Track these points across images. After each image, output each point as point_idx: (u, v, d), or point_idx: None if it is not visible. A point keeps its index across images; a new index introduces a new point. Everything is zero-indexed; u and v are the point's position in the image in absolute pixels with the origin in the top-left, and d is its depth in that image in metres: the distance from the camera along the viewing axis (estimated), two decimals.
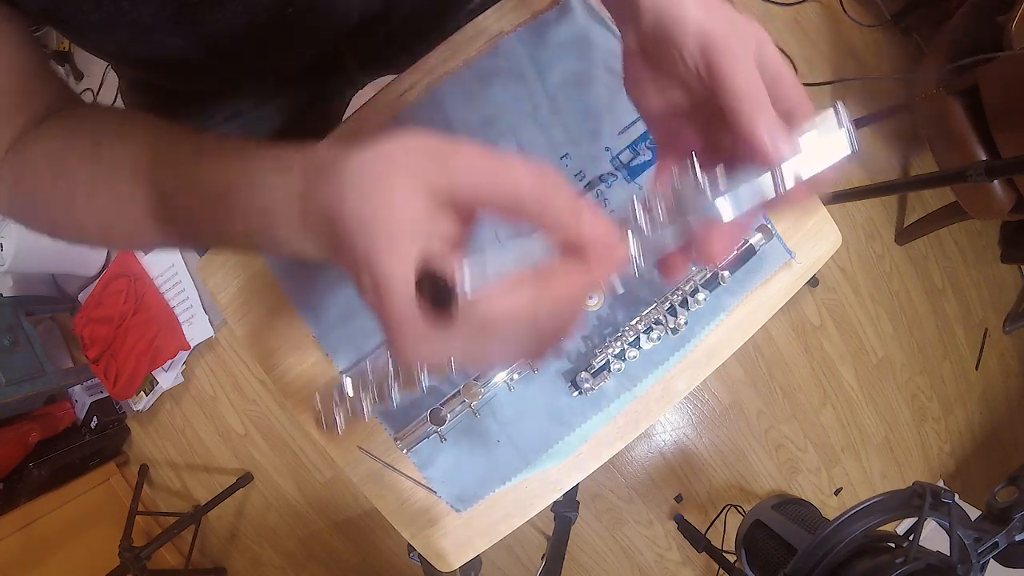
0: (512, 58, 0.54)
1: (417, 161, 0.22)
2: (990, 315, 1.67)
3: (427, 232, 0.22)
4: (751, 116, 0.25)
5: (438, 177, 0.22)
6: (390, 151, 0.23)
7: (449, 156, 0.22)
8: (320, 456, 1.54)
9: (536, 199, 0.22)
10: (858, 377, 1.58)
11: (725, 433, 1.55)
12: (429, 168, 0.22)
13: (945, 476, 1.69)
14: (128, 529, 1.33)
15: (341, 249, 0.23)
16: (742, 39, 0.26)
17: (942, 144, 1.21)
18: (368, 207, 0.22)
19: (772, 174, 0.25)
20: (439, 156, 0.22)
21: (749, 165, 0.26)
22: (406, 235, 0.21)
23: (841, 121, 0.25)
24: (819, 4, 1.52)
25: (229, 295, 0.56)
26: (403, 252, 0.21)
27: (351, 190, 0.22)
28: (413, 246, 0.22)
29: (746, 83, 0.25)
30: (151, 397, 1.53)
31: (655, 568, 1.57)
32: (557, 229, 0.23)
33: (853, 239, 1.53)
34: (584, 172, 0.55)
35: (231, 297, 0.55)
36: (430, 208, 0.22)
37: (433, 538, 0.56)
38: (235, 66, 0.48)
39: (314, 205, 0.24)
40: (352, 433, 0.56)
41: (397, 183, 0.22)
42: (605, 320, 0.55)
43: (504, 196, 0.22)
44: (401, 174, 0.22)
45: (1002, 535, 0.67)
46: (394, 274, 0.21)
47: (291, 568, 1.59)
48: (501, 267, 0.21)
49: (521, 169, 0.22)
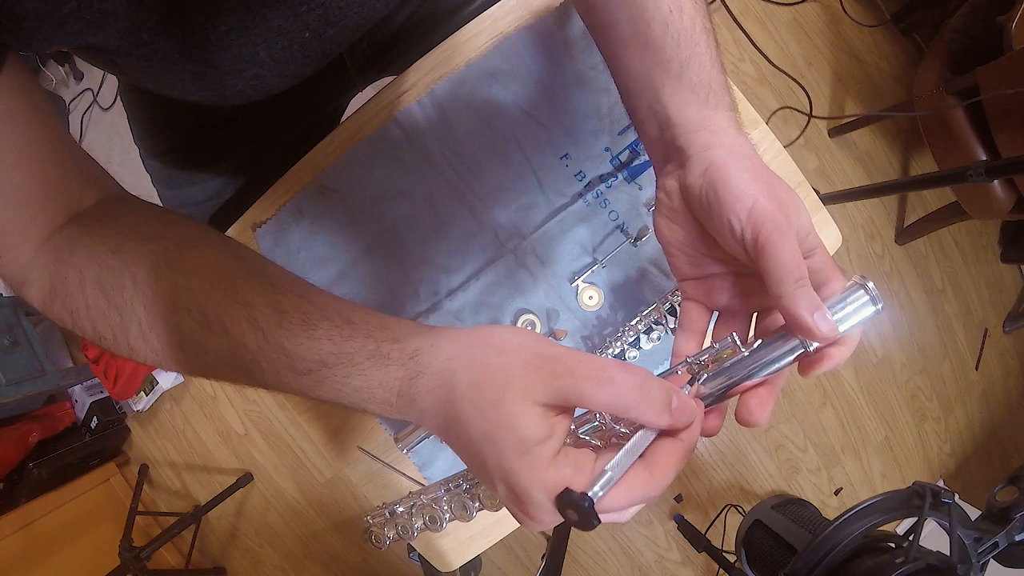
0: (512, 58, 0.54)
1: (526, 380, 0.25)
2: (990, 315, 1.67)
3: (549, 441, 0.24)
4: (794, 296, 0.27)
5: (547, 394, 0.24)
6: (500, 370, 0.25)
7: (555, 373, 0.25)
8: (320, 456, 1.54)
9: (635, 406, 0.25)
10: (858, 377, 1.58)
11: (725, 433, 1.55)
12: (539, 388, 0.24)
13: (945, 476, 1.69)
14: (128, 529, 1.33)
15: (462, 449, 0.27)
16: (788, 215, 0.28)
17: (942, 144, 1.21)
18: (493, 427, 0.24)
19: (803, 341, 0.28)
20: (546, 374, 0.25)
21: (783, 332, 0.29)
22: (535, 454, 0.24)
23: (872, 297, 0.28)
24: (819, 4, 1.52)
25: None
26: (536, 469, 0.24)
27: (471, 408, 0.25)
28: (543, 461, 0.24)
29: (791, 262, 0.27)
30: (151, 397, 1.53)
31: (655, 568, 1.57)
32: (655, 425, 0.26)
33: (853, 239, 1.53)
34: (584, 172, 0.55)
35: None
36: (545, 417, 0.25)
37: (433, 538, 0.56)
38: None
39: (416, 407, 0.27)
40: (352, 433, 0.56)
41: (516, 407, 0.24)
42: (605, 320, 0.55)
43: (605, 404, 0.25)
44: (517, 398, 0.24)
45: (1002, 535, 0.67)
46: (530, 488, 0.24)
47: (291, 568, 1.59)
48: (621, 470, 0.24)
49: (619, 379, 0.24)
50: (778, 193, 0.29)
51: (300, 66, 0.42)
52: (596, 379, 0.24)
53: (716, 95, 0.33)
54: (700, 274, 0.35)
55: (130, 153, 0.63)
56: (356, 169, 0.55)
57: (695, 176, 0.31)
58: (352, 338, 0.28)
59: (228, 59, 0.36)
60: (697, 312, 0.35)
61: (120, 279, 0.31)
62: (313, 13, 0.37)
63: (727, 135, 0.32)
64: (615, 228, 0.56)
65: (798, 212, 0.29)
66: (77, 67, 1.64)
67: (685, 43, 0.33)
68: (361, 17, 0.42)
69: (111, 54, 0.34)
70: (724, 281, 0.34)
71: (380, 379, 0.28)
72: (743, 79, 1.49)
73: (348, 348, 0.28)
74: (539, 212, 0.55)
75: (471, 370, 0.26)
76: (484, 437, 0.25)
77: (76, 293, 0.31)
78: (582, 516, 0.23)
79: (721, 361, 0.30)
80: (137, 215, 0.35)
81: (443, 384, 0.26)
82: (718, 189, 0.29)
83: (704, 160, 0.31)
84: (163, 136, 0.60)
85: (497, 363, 0.25)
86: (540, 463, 0.24)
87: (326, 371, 0.28)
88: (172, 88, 0.39)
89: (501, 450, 0.24)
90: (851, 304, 0.28)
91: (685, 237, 0.34)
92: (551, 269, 0.55)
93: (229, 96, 0.40)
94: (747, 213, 0.28)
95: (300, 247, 0.55)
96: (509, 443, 0.24)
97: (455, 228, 0.55)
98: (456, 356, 0.27)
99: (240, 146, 0.61)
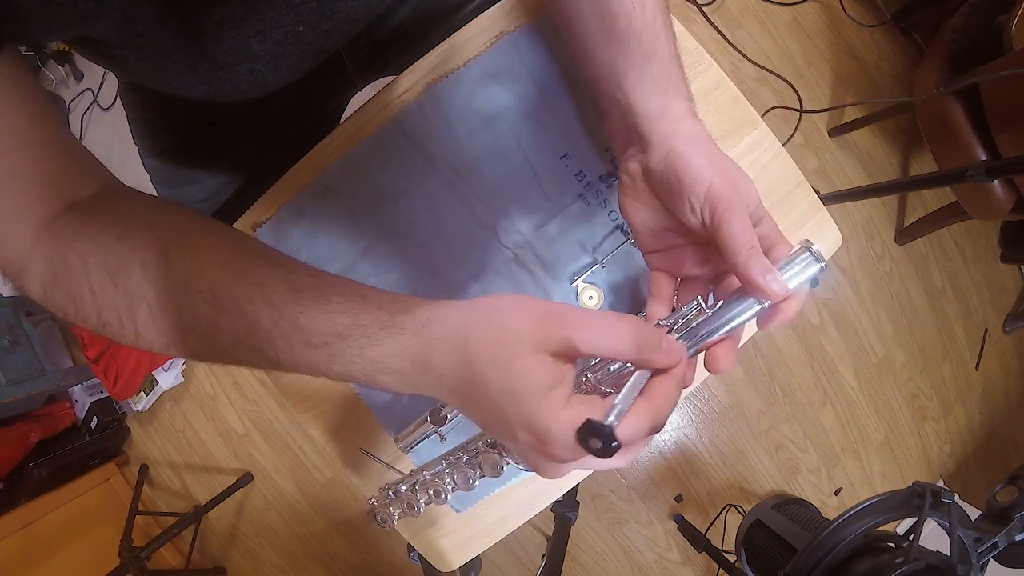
0: (512, 58, 0.54)
1: (538, 335, 0.27)
2: (990, 315, 1.67)
3: (561, 386, 0.27)
4: (748, 263, 0.31)
5: (556, 345, 0.27)
6: (513, 329, 0.27)
7: (561, 325, 0.27)
8: (320, 456, 1.54)
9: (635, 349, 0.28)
10: (858, 377, 1.58)
11: (725, 433, 1.55)
12: (548, 340, 0.27)
13: (945, 476, 1.69)
14: (128, 529, 1.33)
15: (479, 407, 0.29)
16: (739, 194, 0.32)
17: (942, 144, 1.21)
18: (510, 380, 0.27)
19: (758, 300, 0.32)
20: (553, 327, 0.27)
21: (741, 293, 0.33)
22: (551, 397, 0.27)
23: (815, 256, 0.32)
24: (819, 4, 1.52)
25: None
26: (553, 411, 0.26)
27: (490, 367, 0.27)
28: (558, 403, 0.27)
29: (743, 234, 0.31)
30: (151, 397, 1.53)
31: (655, 568, 1.57)
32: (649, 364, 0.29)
33: (853, 239, 1.53)
34: (584, 172, 0.55)
35: None
36: (556, 366, 0.27)
37: (433, 538, 0.56)
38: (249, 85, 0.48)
39: (432, 374, 0.29)
40: (352, 433, 0.56)
41: (530, 359, 0.27)
42: None
43: (608, 350, 0.28)
44: (531, 351, 0.27)
45: (1002, 535, 0.67)
46: (551, 427, 0.26)
47: (291, 568, 1.59)
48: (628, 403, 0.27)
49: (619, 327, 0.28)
50: (731, 175, 0.33)
51: (296, 61, 0.42)
52: (600, 328, 0.27)
53: (675, 86, 0.37)
54: (664, 246, 0.38)
55: (130, 153, 0.63)
56: (356, 169, 0.55)
57: (656, 161, 0.35)
58: (365, 310, 0.30)
59: (222, 51, 0.36)
60: (664, 280, 0.39)
61: (128, 264, 0.31)
62: (307, 6, 0.37)
63: (684, 123, 0.35)
64: (615, 228, 0.56)
65: (748, 189, 0.33)
66: (77, 67, 1.64)
67: (647, 37, 0.36)
68: (356, 12, 0.42)
69: (107, 46, 0.34)
70: (685, 251, 0.37)
71: (395, 348, 0.29)
72: (743, 79, 1.49)
73: (362, 320, 0.29)
74: (539, 212, 0.55)
75: (486, 331, 0.28)
76: (504, 391, 0.27)
77: (80, 279, 0.31)
78: (604, 440, 0.25)
79: (689, 322, 0.34)
80: (136, 203, 0.35)
81: (458, 348, 0.28)
82: (678, 173, 0.33)
83: (664, 147, 0.34)
84: (163, 136, 0.60)
85: (509, 323, 0.28)
86: (557, 404, 0.26)
87: (341, 343, 0.29)
88: (169, 83, 0.39)
89: (521, 399, 0.26)
90: (798, 264, 0.32)
91: (648, 214, 0.38)
92: (551, 269, 0.55)
93: (226, 92, 0.40)
94: (704, 194, 0.32)
95: (300, 247, 0.55)
96: (529, 391, 0.26)
97: (455, 228, 0.55)
98: (468, 322, 0.29)
99: (240, 146, 0.61)
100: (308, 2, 0.37)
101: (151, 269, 0.30)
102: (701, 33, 1.48)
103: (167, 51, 0.35)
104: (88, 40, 0.33)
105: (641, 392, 0.29)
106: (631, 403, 0.28)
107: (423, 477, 0.46)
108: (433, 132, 0.55)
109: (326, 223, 0.55)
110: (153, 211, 0.34)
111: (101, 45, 0.34)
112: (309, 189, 0.55)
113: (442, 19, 0.60)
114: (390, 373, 0.30)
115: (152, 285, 0.30)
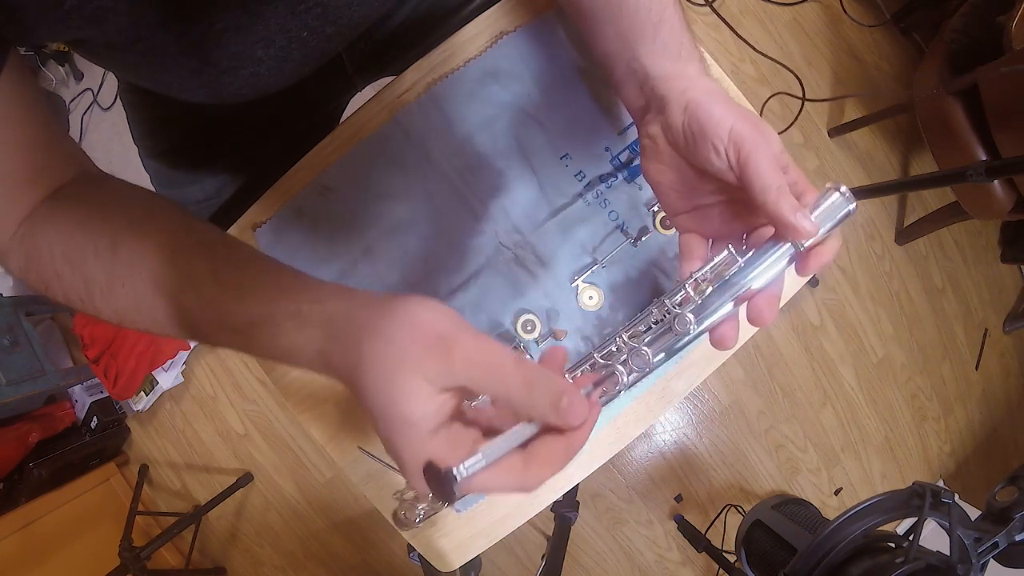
0: (512, 58, 0.54)
1: (419, 360, 0.25)
2: (990, 315, 1.67)
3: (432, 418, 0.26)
4: (777, 201, 0.30)
5: (439, 374, 0.25)
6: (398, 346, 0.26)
7: (449, 357, 0.25)
8: (320, 456, 1.54)
9: (522, 402, 0.26)
10: (858, 377, 1.58)
11: (725, 433, 1.55)
12: (430, 368, 0.25)
13: (945, 476, 1.69)
14: (128, 529, 1.33)
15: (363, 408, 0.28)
16: (765, 139, 0.32)
17: (942, 144, 1.21)
18: (384, 399, 0.26)
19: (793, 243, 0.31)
20: (440, 355, 0.25)
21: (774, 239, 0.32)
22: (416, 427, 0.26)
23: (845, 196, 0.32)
24: (819, 4, 1.52)
25: None
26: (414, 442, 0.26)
27: (370, 381, 0.26)
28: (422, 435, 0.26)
29: (770, 172, 0.31)
30: (151, 397, 1.53)
31: (655, 568, 1.57)
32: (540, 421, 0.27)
33: (853, 239, 1.54)
34: (584, 172, 0.55)
35: None
36: (432, 395, 0.26)
37: (433, 538, 0.56)
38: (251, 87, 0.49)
39: (333, 365, 0.28)
40: (352, 433, 0.56)
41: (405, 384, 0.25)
42: (605, 320, 0.55)
43: (495, 396, 0.26)
44: (407, 375, 0.25)
45: (1002, 535, 0.67)
46: (406, 458, 0.26)
47: (291, 568, 1.59)
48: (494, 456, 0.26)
49: (510, 375, 0.25)
50: (752, 118, 0.32)
51: (298, 66, 0.42)
52: (487, 371, 0.25)
53: (687, 50, 0.37)
54: (691, 206, 0.38)
55: (130, 153, 0.63)
56: (356, 169, 0.55)
57: (676, 115, 0.35)
58: (276, 300, 0.30)
59: (226, 57, 0.36)
60: (695, 241, 0.38)
61: (84, 251, 0.34)
62: (312, 12, 0.37)
63: (700, 80, 0.36)
64: (615, 228, 0.56)
65: (771, 133, 0.32)
66: (77, 67, 1.64)
67: (656, 7, 0.37)
68: (360, 16, 0.42)
69: (110, 49, 0.34)
70: (713, 210, 0.37)
71: (303, 340, 0.29)
72: (743, 80, 1.49)
73: (272, 309, 0.30)
74: (539, 212, 0.55)
75: (374, 341, 0.26)
76: (375, 408, 0.26)
77: (47, 264, 0.34)
78: (442, 489, 0.25)
79: (721, 273, 0.33)
80: (103, 191, 0.38)
81: (351, 351, 0.27)
82: (700, 120, 0.33)
83: (683, 101, 0.34)
84: (163, 136, 0.60)
85: (398, 338, 0.26)
86: (418, 438, 0.26)
87: (255, 330, 0.30)
88: (170, 86, 0.39)
89: (388, 420, 0.26)
90: (828, 207, 0.32)
91: (672, 174, 0.38)
92: (551, 269, 0.55)
93: (226, 95, 0.40)
94: (728, 136, 0.32)
95: (300, 247, 0.55)
96: (394, 417, 0.26)
97: (455, 228, 0.55)
98: (365, 325, 0.27)
99: (240, 146, 0.61)
100: (312, 8, 0.37)
101: (102, 255, 0.33)
102: (701, 33, 1.48)
103: (170, 55, 0.35)
104: (89, 42, 0.34)
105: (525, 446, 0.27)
106: (498, 456, 0.26)
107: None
108: (433, 132, 0.55)
109: (326, 223, 0.55)
110: (115, 199, 0.37)
111: (102, 47, 0.34)
112: (309, 189, 0.55)
113: (442, 19, 0.60)
114: (305, 361, 0.30)
115: (103, 270, 0.33)
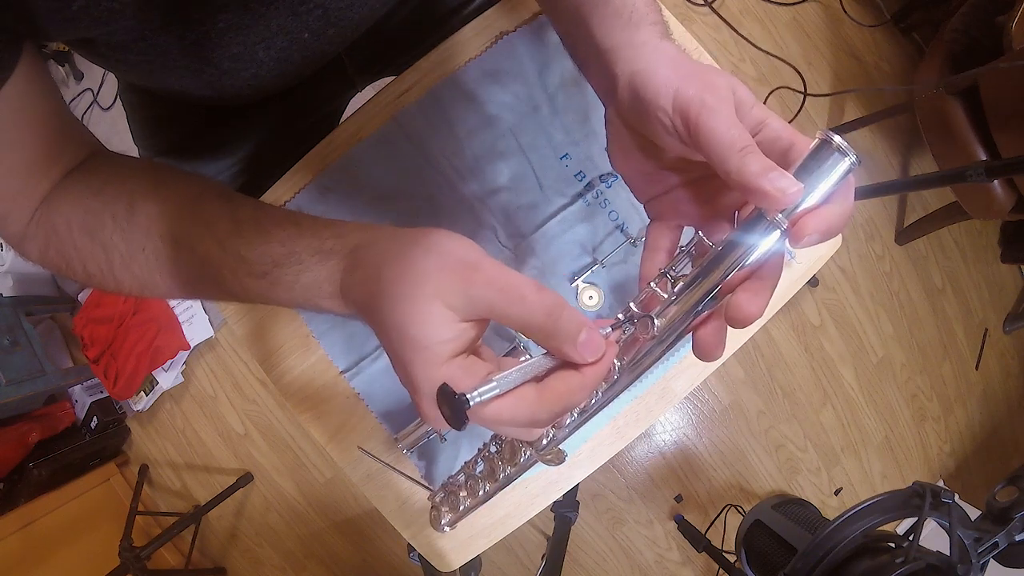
0: (512, 58, 0.54)
1: (440, 284, 0.25)
2: (990, 315, 1.67)
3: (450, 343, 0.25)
4: (740, 165, 0.24)
5: (459, 300, 0.25)
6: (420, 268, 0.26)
7: (470, 280, 0.25)
8: (320, 456, 1.54)
9: (541, 328, 0.25)
10: (858, 377, 1.58)
11: (725, 433, 1.55)
12: (452, 292, 0.25)
13: (945, 476, 1.69)
14: (128, 529, 1.33)
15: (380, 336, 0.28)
16: (715, 91, 0.26)
17: (942, 144, 1.21)
18: (402, 319, 0.25)
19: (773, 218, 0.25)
20: (461, 280, 0.25)
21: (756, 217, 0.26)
22: (432, 350, 0.25)
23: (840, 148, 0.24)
24: (819, 4, 1.52)
25: None
26: (429, 365, 0.25)
27: (390, 301, 0.26)
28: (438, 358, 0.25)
29: (728, 133, 0.25)
30: (151, 397, 1.53)
31: (655, 568, 1.57)
32: (559, 352, 0.26)
33: (853, 239, 1.53)
34: (584, 172, 0.55)
35: None
36: (452, 321, 0.25)
37: (433, 538, 0.56)
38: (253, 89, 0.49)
39: (353, 295, 0.28)
40: (352, 433, 0.56)
41: (425, 306, 0.25)
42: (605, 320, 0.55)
43: (515, 321, 0.25)
44: (429, 297, 0.25)
45: (1002, 535, 0.67)
46: (421, 381, 0.25)
47: (291, 568, 1.59)
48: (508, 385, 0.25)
49: (531, 299, 0.25)
50: (702, 76, 0.27)
51: (299, 67, 0.42)
52: (508, 294, 0.25)
53: (639, 12, 0.33)
54: (661, 190, 0.34)
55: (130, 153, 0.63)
56: (356, 169, 0.55)
57: (622, 92, 0.30)
58: (299, 237, 0.30)
59: (227, 57, 0.37)
60: (662, 230, 0.34)
61: (101, 218, 0.34)
62: (313, 14, 0.37)
63: (648, 45, 0.31)
64: (615, 228, 0.56)
65: (731, 88, 0.27)
66: (77, 67, 1.64)
67: None
68: (361, 17, 0.42)
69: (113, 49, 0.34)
70: (686, 191, 0.33)
71: (326, 273, 0.29)
72: (743, 79, 1.49)
73: (295, 247, 0.30)
74: (539, 212, 0.55)
75: (395, 264, 0.26)
76: (394, 327, 0.26)
77: (65, 237, 0.34)
78: (454, 413, 0.24)
79: (695, 264, 0.28)
80: (116, 163, 0.38)
81: (372, 278, 0.27)
82: (640, 93, 0.29)
83: (627, 74, 0.30)
84: (163, 136, 0.60)
85: (419, 261, 0.26)
86: (436, 360, 0.25)
87: (279, 271, 0.30)
88: (171, 84, 0.39)
89: (405, 342, 0.25)
90: (820, 163, 0.24)
91: (636, 159, 0.33)
92: (551, 269, 0.55)
93: (227, 94, 0.41)
94: (671, 104, 0.27)
95: None
96: (413, 337, 0.25)
97: (455, 228, 0.54)
98: (387, 250, 0.27)
99: (240, 146, 0.61)
100: (314, 10, 0.37)
101: (120, 220, 0.33)
102: (701, 33, 1.48)
103: (171, 55, 0.35)
104: (91, 42, 0.34)
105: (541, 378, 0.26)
106: (513, 385, 0.25)
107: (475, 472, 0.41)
108: (433, 132, 0.55)
109: None
110: (129, 168, 0.37)
111: (106, 47, 0.34)
112: (309, 189, 0.55)
113: (442, 19, 0.60)
114: (326, 297, 0.30)
115: (121, 234, 0.33)
